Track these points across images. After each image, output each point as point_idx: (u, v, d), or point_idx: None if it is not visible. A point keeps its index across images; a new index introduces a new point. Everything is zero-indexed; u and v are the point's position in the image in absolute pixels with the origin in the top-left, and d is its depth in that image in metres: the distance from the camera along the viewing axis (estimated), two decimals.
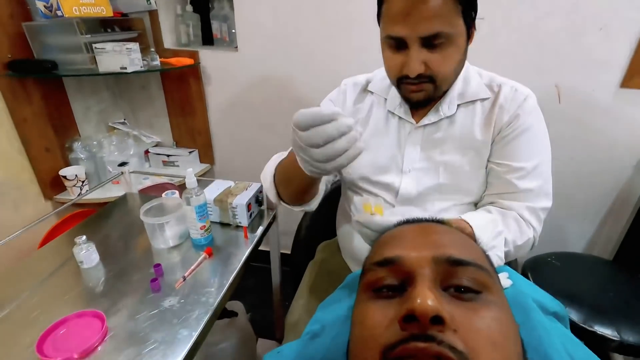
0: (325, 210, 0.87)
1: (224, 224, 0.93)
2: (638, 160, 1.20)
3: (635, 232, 1.23)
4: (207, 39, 1.49)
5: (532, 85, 1.22)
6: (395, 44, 0.59)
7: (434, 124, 0.70)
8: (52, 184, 1.35)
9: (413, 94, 0.64)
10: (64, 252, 0.82)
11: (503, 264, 0.60)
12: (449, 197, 0.70)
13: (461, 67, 0.65)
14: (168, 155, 1.56)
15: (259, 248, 0.90)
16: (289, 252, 1.03)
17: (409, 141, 0.71)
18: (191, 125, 1.57)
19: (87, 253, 0.75)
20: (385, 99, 0.74)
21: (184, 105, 1.53)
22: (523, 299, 0.45)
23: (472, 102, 0.69)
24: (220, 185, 0.95)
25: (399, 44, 0.59)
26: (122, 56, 1.17)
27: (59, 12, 1.08)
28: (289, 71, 1.37)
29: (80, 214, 1.35)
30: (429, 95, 0.63)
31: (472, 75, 0.70)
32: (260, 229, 0.92)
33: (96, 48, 1.17)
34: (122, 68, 1.18)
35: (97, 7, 1.16)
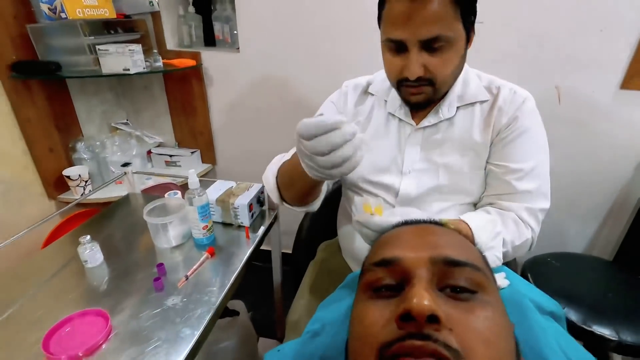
0: (326, 210, 0.88)
1: (226, 224, 0.94)
2: (638, 161, 1.20)
3: (635, 233, 1.24)
4: (209, 40, 1.50)
5: (532, 87, 1.22)
6: (395, 47, 0.60)
7: (433, 125, 0.71)
8: (56, 184, 1.36)
9: (413, 96, 0.65)
10: (68, 251, 0.83)
11: (501, 264, 0.61)
12: (448, 198, 0.71)
13: (460, 70, 0.66)
14: (170, 156, 1.57)
15: (261, 248, 0.91)
16: (290, 251, 1.04)
17: (409, 142, 0.72)
18: (193, 125, 1.58)
19: (91, 252, 0.76)
20: (385, 101, 0.75)
21: (186, 105, 1.54)
22: (520, 299, 0.45)
23: (471, 104, 0.69)
24: (222, 186, 0.96)
25: (399, 47, 0.60)
26: (125, 57, 1.18)
27: (62, 14, 1.09)
28: (290, 72, 1.38)
29: (84, 213, 1.37)
30: (428, 97, 0.64)
31: (471, 78, 0.70)
32: (262, 229, 0.93)
33: (99, 49, 1.18)
34: (125, 69, 1.20)
35: (100, 9, 1.17)
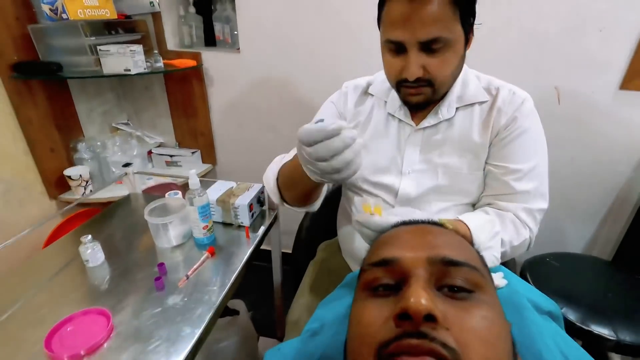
0: (326, 210, 0.88)
1: (226, 224, 0.94)
2: (637, 162, 1.20)
3: (634, 233, 1.24)
4: (210, 40, 1.50)
5: (532, 87, 1.23)
6: (394, 48, 0.61)
7: (433, 126, 0.71)
8: (57, 184, 1.36)
9: (412, 97, 0.65)
10: (69, 251, 0.84)
11: (499, 264, 0.61)
12: (447, 198, 0.71)
13: (459, 71, 0.66)
14: (171, 156, 1.57)
15: (261, 247, 0.91)
16: (290, 251, 1.05)
17: (409, 143, 0.73)
18: (194, 126, 1.58)
19: (93, 252, 0.77)
20: (385, 102, 0.75)
21: (186, 106, 1.55)
22: (517, 299, 0.46)
23: (470, 105, 0.70)
24: (222, 186, 0.96)
25: (399, 48, 0.60)
26: (126, 58, 1.19)
27: (64, 15, 1.10)
28: (290, 72, 1.38)
29: (84, 213, 1.37)
30: (427, 98, 0.65)
31: (470, 79, 0.71)
32: (262, 229, 0.93)
33: (100, 50, 1.19)
34: (126, 70, 1.20)
35: (101, 9, 1.18)
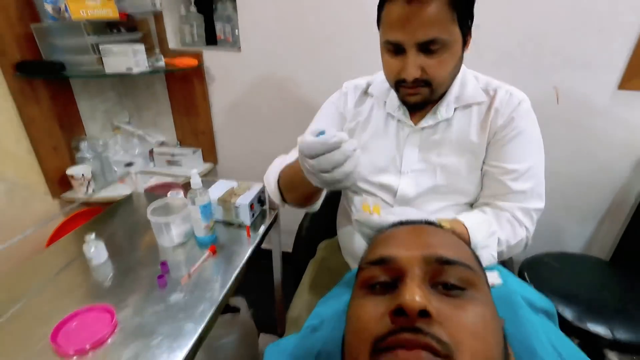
0: (326, 210, 0.89)
1: (228, 223, 0.95)
2: (635, 161, 1.21)
3: (632, 233, 1.25)
4: (211, 39, 1.51)
5: (531, 87, 1.24)
6: (393, 48, 0.62)
7: (431, 126, 0.72)
8: (60, 183, 1.37)
9: (410, 97, 0.66)
10: (73, 249, 0.85)
11: (496, 263, 0.62)
12: (445, 198, 0.72)
13: (457, 72, 0.67)
14: (172, 155, 1.58)
15: (261, 246, 0.92)
16: (291, 250, 1.06)
17: (408, 143, 0.74)
18: (195, 124, 1.59)
19: (97, 250, 0.78)
20: (385, 102, 0.76)
21: (187, 105, 1.55)
22: (512, 296, 0.47)
23: (468, 105, 0.70)
24: (223, 186, 0.98)
25: (397, 49, 0.61)
26: (128, 57, 1.20)
27: (66, 15, 1.11)
28: (291, 72, 1.39)
29: (87, 212, 1.38)
30: (425, 98, 0.66)
31: (468, 80, 0.71)
32: (263, 228, 0.94)
33: (103, 49, 1.20)
34: (128, 69, 1.21)
35: (103, 9, 1.19)
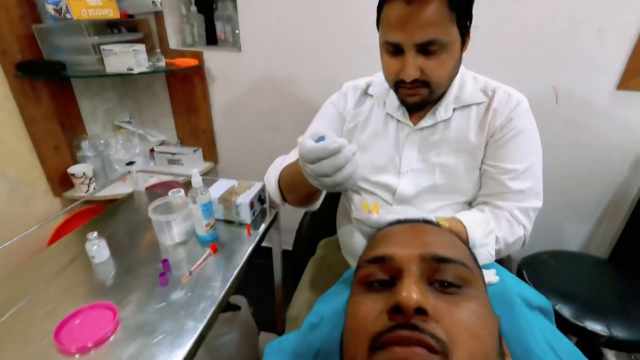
0: (326, 208, 0.89)
1: (228, 222, 0.96)
2: (634, 161, 1.22)
3: (630, 232, 1.25)
4: (211, 39, 1.51)
5: (531, 87, 1.24)
6: (392, 49, 0.62)
7: (430, 126, 0.72)
8: (61, 181, 1.38)
9: (409, 97, 0.66)
10: (75, 247, 0.86)
11: (494, 261, 0.63)
12: (444, 197, 0.73)
13: (455, 73, 0.68)
14: (173, 154, 1.59)
15: (262, 245, 0.93)
16: (291, 248, 1.06)
17: (407, 143, 0.74)
18: (195, 124, 1.60)
19: (99, 248, 0.79)
20: (384, 102, 0.77)
21: (188, 104, 1.56)
22: (508, 294, 0.48)
23: (467, 106, 0.71)
24: (224, 184, 0.98)
25: (396, 50, 0.62)
26: (128, 57, 1.20)
27: (68, 15, 1.11)
28: (291, 72, 1.39)
29: (88, 210, 1.39)
30: (424, 98, 0.66)
31: (467, 80, 0.72)
32: (263, 227, 0.95)
33: (104, 49, 1.20)
34: (129, 69, 1.22)
35: (104, 9, 1.19)
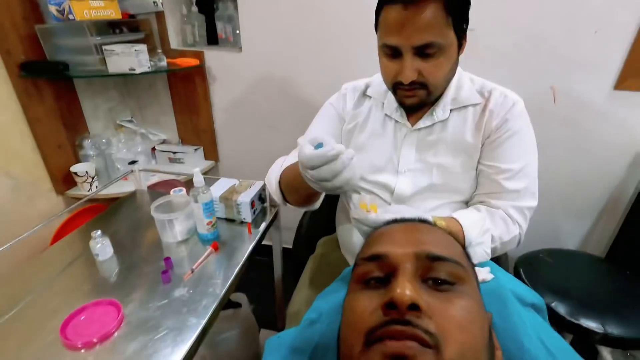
0: (325, 207, 0.90)
1: (229, 220, 0.98)
2: (631, 160, 1.23)
3: (627, 230, 1.27)
4: (212, 39, 1.52)
5: (528, 87, 1.25)
6: (390, 52, 0.63)
7: (428, 127, 0.74)
8: (64, 180, 1.40)
9: (407, 99, 0.68)
10: (79, 245, 0.88)
11: (489, 259, 0.64)
12: (441, 197, 0.74)
13: (452, 75, 0.69)
14: (174, 153, 1.60)
15: (262, 243, 0.95)
16: (291, 246, 1.08)
17: (405, 143, 0.75)
18: (196, 123, 1.61)
19: (102, 246, 0.80)
20: (382, 103, 0.78)
21: (189, 103, 1.57)
22: (502, 291, 0.49)
23: (464, 107, 0.72)
24: (225, 184, 1.00)
25: (394, 52, 0.63)
26: (130, 57, 1.21)
27: (70, 16, 1.12)
28: (291, 71, 1.40)
29: (90, 209, 1.41)
30: (422, 100, 0.67)
31: (464, 82, 0.73)
32: (263, 225, 0.97)
33: (106, 50, 1.21)
34: (131, 69, 1.23)
35: (106, 10, 1.20)
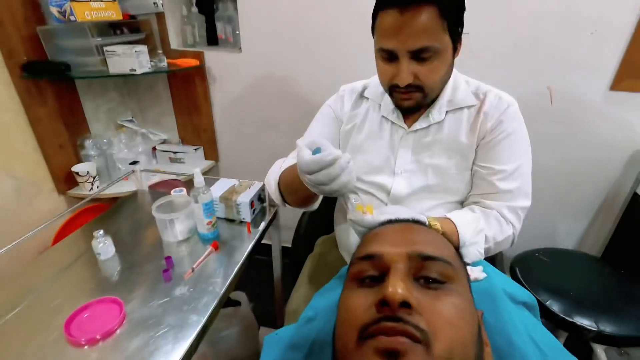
0: (323, 207, 0.92)
1: (229, 220, 0.99)
2: (626, 160, 1.24)
3: (622, 230, 1.28)
4: (212, 39, 1.53)
5: (526, 87, 1.26)
6: (387, 55, 0.65)
7: (424, 129, 0.75)
8: (65, 180, 1.41)
9: (404, 101, 0.69)
10: (81, 245, 0.89)
11: (483, 259, 0.66)
12: (437, 197, 0.76)
13: (448, 78, 0.70)
14: (174, 152, 1.61)
15: (262, 242, 0.96)
16: (290, 246, 1.09)
17: (402, 145, 0.77)
18: (196, 123, 1.62)
19: (105, 246, 0.82)
20: (379, 105, 0.79)
21: (189, 104, 1.58)
22: (493, 290, 0.50)
23: (459, 108, 0.74)
24: (225, 184, 1.01)
25: (391, 56, 0.64)
26: (131, 58, 1.22)
27: (72, 17, 1.14)
28: (291, 72, 1.41)
29: (91, 209, 1.42)
30: (418, 102, 0.69)
31: (460, 84, 0.74)
32: (263, 225, 0.98)
33: (107, 51, 1.22)
34: (132, 70, 1.24)
35: (107, 11, 1.21)
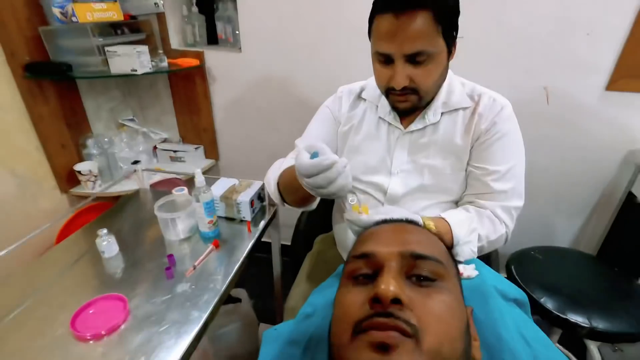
0: (322, 206, 0.93)
1: (230, 219, 1.01)
2: (622, 160, 1.26)
3: (617, 228, 1.30)
4: (212, 39, 1.54)
5: (522, 87, 1.28)
6: (383, 59, 0.66)
7: (420, 130, 0.77)
8: (68, 179, 1.43)
9: (400, 103, 0.71)
10: (84, 243, 0.91)
11: (476, 257, 0.67)
12: (432, 197, 0.77)
13: (443, 80, 0.72)
14: (175, 151, 1.63)
15: (262, 240, 0.98)
16: (289, 244, 1.11)
17: (398, 145, 0.78)
18: (197, 122, 1.64)
19: (108, 244, 0.83)
20: (377, 106, 0.81)
21: (190, 103, 1.60)
22: (484, 287, 0.52)
23: (454, 110, 0.75)
24: (225, 183, 1.03)
25: (387, 59, 0.66)
26: (132, 59, 1.24)
27: (73, 18, 1.15)
28: (290, 72, 1.43)
29: (93, 207, 1.44)
30: (413, 104, 0.70)
31: (455, 86, 0.76)
32: (263, 223, 1.00)
33: (108, 51, 1.24)
34: (133, 70, 1.25)
35: (108, 12, 1.23)
